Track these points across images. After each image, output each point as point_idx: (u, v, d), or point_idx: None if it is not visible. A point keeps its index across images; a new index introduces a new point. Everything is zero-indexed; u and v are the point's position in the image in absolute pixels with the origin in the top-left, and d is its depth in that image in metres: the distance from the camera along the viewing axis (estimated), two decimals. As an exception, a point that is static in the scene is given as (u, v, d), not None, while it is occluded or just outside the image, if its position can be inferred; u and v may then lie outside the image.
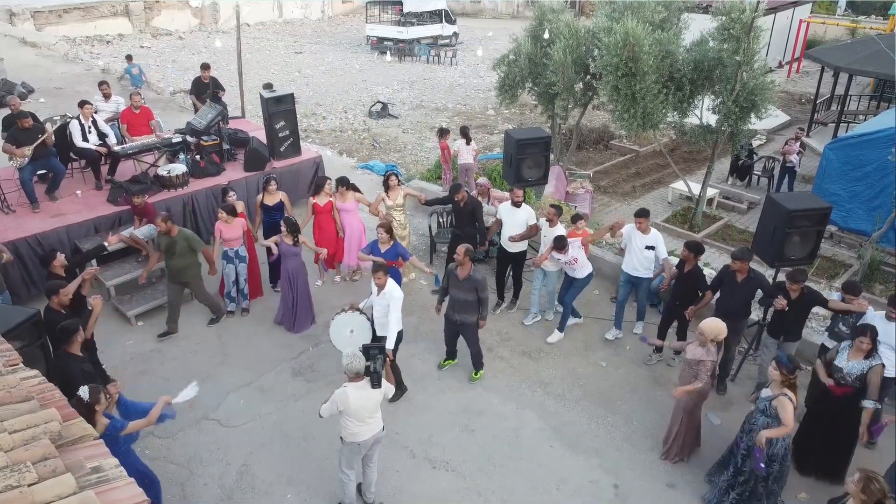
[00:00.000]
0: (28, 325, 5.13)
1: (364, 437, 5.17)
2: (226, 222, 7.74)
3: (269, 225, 8.40)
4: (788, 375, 5.12)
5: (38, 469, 2.80)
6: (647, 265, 7.59)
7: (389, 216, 8.47)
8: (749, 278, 6.58)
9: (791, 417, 5.05)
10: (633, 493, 5.87)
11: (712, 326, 5.68)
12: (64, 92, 16.72)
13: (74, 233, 8.34)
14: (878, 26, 23.59)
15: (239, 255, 7.91)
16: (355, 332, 6.48)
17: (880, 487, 4.06)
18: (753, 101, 10.62)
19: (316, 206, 8.44)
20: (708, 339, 5.67)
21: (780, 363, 5.17)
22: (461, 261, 6.47)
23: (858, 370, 5.48)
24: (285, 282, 7.81)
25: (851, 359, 5.55)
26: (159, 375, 7.19)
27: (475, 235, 8.28)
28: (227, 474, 5.95)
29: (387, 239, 7.32)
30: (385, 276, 6.33)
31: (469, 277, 6.53)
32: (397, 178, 8.68)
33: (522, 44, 13.35)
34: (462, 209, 8.30)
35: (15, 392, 3.37)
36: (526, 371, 7.42)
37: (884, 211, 10.81)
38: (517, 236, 7.98)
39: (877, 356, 5.48)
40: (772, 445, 5.22)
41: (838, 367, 5.59)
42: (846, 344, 5.68)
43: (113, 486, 2.91)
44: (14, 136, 8.42)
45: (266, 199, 8.42)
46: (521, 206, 8.02)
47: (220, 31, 30.60)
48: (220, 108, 10.28)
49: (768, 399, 5.22)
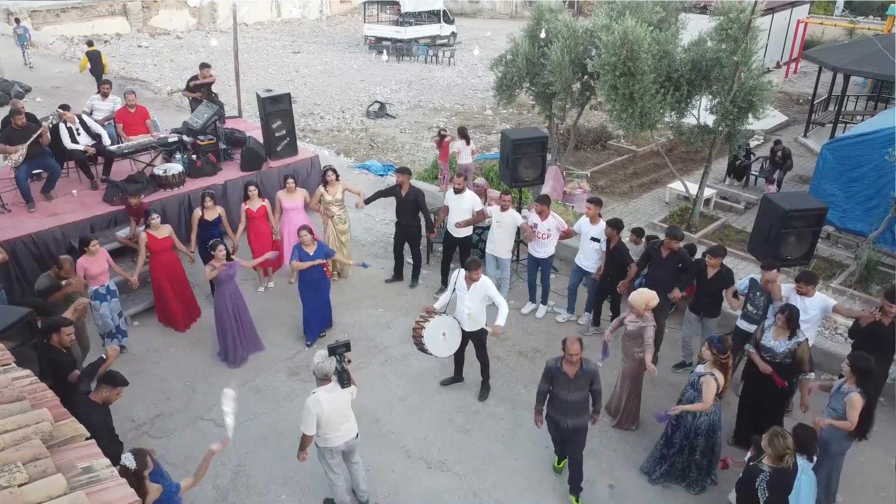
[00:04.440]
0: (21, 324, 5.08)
1: (335, 444, 5.12)
2: (90, 255, 6.92)
3: (207, 240, 7.74)
4: (719, 356, 5.38)
5: (28, 469, 2.78)
6: (591, 257, 7.77)
7: (329, 211, 8.44)
8: (672, 253, 6.94)
9: (711, 397, 5.35)
10: (628, 494, 5.87)
11: (638, 298, 6.05)
12: (61, 91, 16.72)
13: (70, 232, 8.31)
14: (875, 27, 23.61)
15: (110, 290, 7.21)
16: (448, 335, 6.45)
17: (784, 443, 4.45)
18: (751, 102, 10.61)
19: (249, 212, 8.20)
20: (640, 310, 6.00)
21: (711, 344, 5.43)
22: (573, 357, 5.21)
23: (785, 348, 5.74)
24: (223, 310, 7.17)
25: (777, 338, 5.79)
26: (155, 375, 7.18)
27: (419, 226, 8.48)
28: (222, 474, 5.94)
29: (310, 241, 7.23)
30: (479, 270, 6.35)
31: (582, 371, 5.30)
32: (335, 174, 8.54)
33: (520, 44, 13.33)
34: (405, 199, 8.35)
35: (6, 392, 3.36)
36: (521, 371, 7.41)
37: (880, 211, 10.80)
38: (463, 222, 8.22)
39: (800, 333, 5.75)
40: (695, 417, 5.56)
41: (766, 347, 5.84)
42: (769, 323, 5.94)
43: (104, 487, 2.89)
44: (7, 135, 8.40)
45: (206, 215, 8.00)
46: (466, 193, 8.24)
47: (219, 30, 30.57)
48: (216, 108, 10.27)
49: (698, 375, 5.53)
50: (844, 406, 5.11)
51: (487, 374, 6.99)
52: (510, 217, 8.01)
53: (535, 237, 7.95)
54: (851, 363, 5.16)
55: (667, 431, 5.84)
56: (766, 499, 4.48)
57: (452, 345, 6.55)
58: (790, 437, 4.54)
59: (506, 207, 7.97)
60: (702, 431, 5.62)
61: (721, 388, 5.43)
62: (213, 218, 8.06)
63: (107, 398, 4.91)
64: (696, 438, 5.65)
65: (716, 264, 6.77)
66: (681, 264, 6.99)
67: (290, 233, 8.23)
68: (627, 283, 7.45)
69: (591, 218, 7.75)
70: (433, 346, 6.38)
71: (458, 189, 8.25)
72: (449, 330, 6.45)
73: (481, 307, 6.51)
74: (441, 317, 6.43)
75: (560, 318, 8.34)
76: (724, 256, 6.80)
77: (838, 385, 5.35)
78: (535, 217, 7.96)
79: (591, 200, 7.88)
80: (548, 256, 8.12)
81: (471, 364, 7.02)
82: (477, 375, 7.05)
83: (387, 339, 7.89)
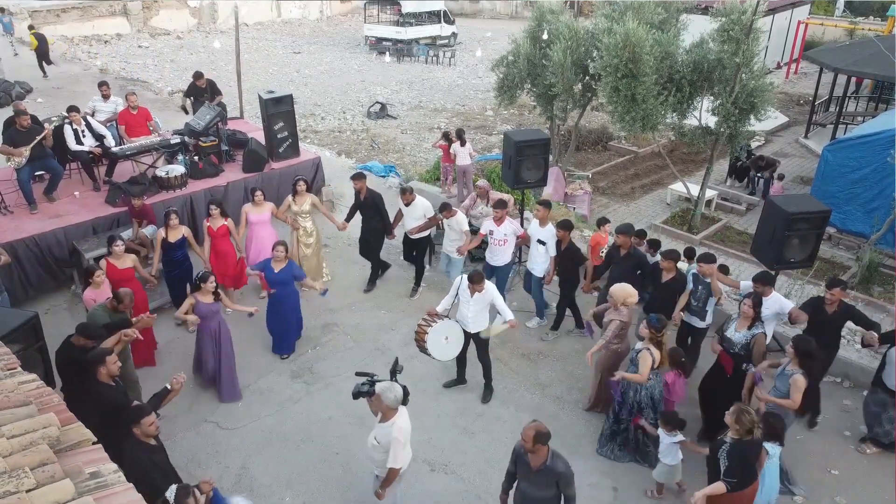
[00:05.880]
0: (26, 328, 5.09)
1: (406, 465, 4.98)
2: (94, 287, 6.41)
3: (172, 263, 7.62)
4: (656, 333, 5.75)
5: (36, 474, 2.78)
6: (537, 260, 7.77)
7: (296, 222, 8.31)
8: (629, 254, 7.09)
9: (647, 370, 5.70)
10: (632, 496, 5.87)
11: (619, 291, 6.26)
12: (62, 92, 16.69)
13: (72, 234, 8.32)
14: (876, 27, 23.62)
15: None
16: (450, 339, 6.45)
17: (751, 418, 4.69)
18: (752, 103, 10.63)
19: (210, 230, 7.76)
20: (616, 302, 6.24)
21: (649, 322, 5.81)
22: (530, 447, 4.40)
23: (743, 339, 5.92)
24: (206, 348, 6.64)
25: (738, 329, 6.00)
26: (158, 377, 7.15)
27: (381, 228, 8.52)
28: (226, 476, 5.93)
29: (283, 258, 7.03)
30: (483, 283, 6.33)
31: (545, 468, 4.48)
32: (305, 184, 8.33)
33: (521, 45, 13.34)
34: (364, 203, 8.39)
35: (13, 396, 3.36)
36: (524, 373, 7.41)
37: (882, 213, 10.82)
38: (415, 229, 8.29)
39: (759, 325, 5.94)
40: (636, 393, 5.89)
41: (728, 338, 6.04)
42: (735, 315, 6.18)
43: (111, 492, 2.90)
44: (11, 136, 8.40)
45: (169, 236, 7.44)
46: (416, 202, 8.24)
47: (219, 30, 30.57)
48: (218, 109, 10.27)
49: (636, 351, 5.89)
50: (789, 387, 5.40)
51: (490, 376, 6.99)
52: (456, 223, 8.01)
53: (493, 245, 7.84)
54: (795, 345, 5.43)
55: (614, 409, 6.16)
56: (727, 466, 4.70)
57: (455, 348, 6.57)
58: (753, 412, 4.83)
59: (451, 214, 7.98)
60: (645, 404, 5.92)
61: (657, 363, 5.79)
62: (177, 239, 7.50)
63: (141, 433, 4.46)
64: (640, 412, 5.94)
65: (670, 268, 6.79)
66: (639, 270, 7.03)
67: (257, 246, 8.01)
68: (589, 282, 7.54)
69: (541, 220, 7.69)
70: (436, 350, 6.39)
71: (406, 203, 8.25)
72: (452, 334, 6.46)
73: (484, 310, 6.53)
74: (444, 321, 6.44)
75: (530, 324, 8.18)
76: (679, 260, 6.91)
77: (783, 367, 5.61)
78: (491, 224, 7.78)
79: (540, 202, 7.84)
80: (504, 264, 7.94)
81: (474, 366, 7.02)
82: (480, 377, 7.04)
83: (390, 340, 7.89)
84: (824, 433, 6.59)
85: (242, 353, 7.56)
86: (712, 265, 6.56)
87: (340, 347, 7.74)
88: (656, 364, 5.77)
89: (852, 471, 6.13)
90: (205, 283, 6.37)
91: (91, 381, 4.81)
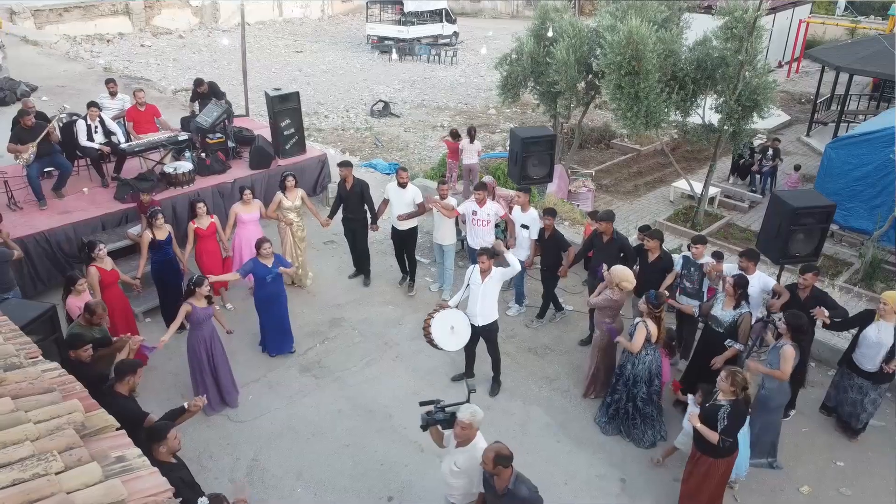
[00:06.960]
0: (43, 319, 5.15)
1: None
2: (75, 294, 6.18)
3: (162, 263, 7.44)
4: (654, 309, 5.94)
5: (63, 458, 2.83)
6: (520, 244, 7.88)
7: (286, 218, 8.25)
8: (612, 240, 7.19)
9: (640, 342, 5.92)
10: (640, 487, 5.92)
11: (619, 272, 6.41)
12: (66, 90, 16.73)
13: (81, 230, 8.36)
14: (877, 26, 23.69)
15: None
16: (456, 328, 6.45)
17: (743, 376, 4.92)
18: (755, 101, 10.69)
19: (198, 231, 7.65)
20: (611, 282, 6.42)
21: (647, 298, 5.98)
22: (490, 469, 4.12)
23: (730, 318, 6.08)
24: (200, 354, 6.42)
25: (725, 308, 6.15)
26: (167, 371, 7.22)
27: (365, 218, 8.52)
28: (237, 468, 5.99)
29: (269, 253, 6.99)
30: (490, 261, 6.41)
31: (508, 492, 4.14)
32: (294, 179, 8.27)
33: (525, 43, 13.40)
34: (350, 192, 8.38)
35: (37, 384, 3.41)
36: (531, 367, 7.47)
37: (884, 210, 10.89)
38: (405, 215, 8.23)
39: (745, 304, 6.10)
40: (633, 366, 6.08)
41: (714, 317, 6.20)
42: (721, 295, 6.28)
43: (137, 476, 2.95)
44: (17, 134, 8.46)
45: (157, 235, 7.31)
46: (408, 186, 8.22)
47: (220, 29, 30.64)
48: (225, 107, 10.32)
49: (634, 324, 6.12)
50: (779, 359, 5.54)
51: (499, 370, 7.04)
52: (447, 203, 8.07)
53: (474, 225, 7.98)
54: (787, 321, 5.61)
55: (611, 381, 6.40)
56: (724, 427, 4.91)
57: (461, 339, 6.52)
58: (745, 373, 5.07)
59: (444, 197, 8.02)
60: (641, 378, 6.10)
61: (653, 339, 5.96)
62: (165, 237, 7.37)
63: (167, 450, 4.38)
64: (635, 385, 6.14)
65: (654, 247, 6.92)
66: (623, 253, 7.14)
67: (246, 246, 7.93)
68: (567, 267, 7.67)
69: (522, 206, 7.87)
70: (441, 338, 6.32)
71: (401, 183, 8.22)
72: (458, 323, 6.45)
73: (494, 301, 6.58)
74: (448, 310, 6.45)
75: (511, 313, 8.28)
76: (662, 240, 7.08)
77: (774, 344, 5.74)
78: (473, 204, 7.92)
79: (518, 189, 8.05)
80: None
81: (482, 360, 7.07)
82: (488, 371, 7.10)
83: (397, 335, 7.94)
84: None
85: (250, 347, 7.64)
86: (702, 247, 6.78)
87: (348, 342, 7.80)
88: (653, 339, 5.96)
89: (858, 462, 6.18)
90: (199, 287, 6.21)
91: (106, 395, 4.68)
